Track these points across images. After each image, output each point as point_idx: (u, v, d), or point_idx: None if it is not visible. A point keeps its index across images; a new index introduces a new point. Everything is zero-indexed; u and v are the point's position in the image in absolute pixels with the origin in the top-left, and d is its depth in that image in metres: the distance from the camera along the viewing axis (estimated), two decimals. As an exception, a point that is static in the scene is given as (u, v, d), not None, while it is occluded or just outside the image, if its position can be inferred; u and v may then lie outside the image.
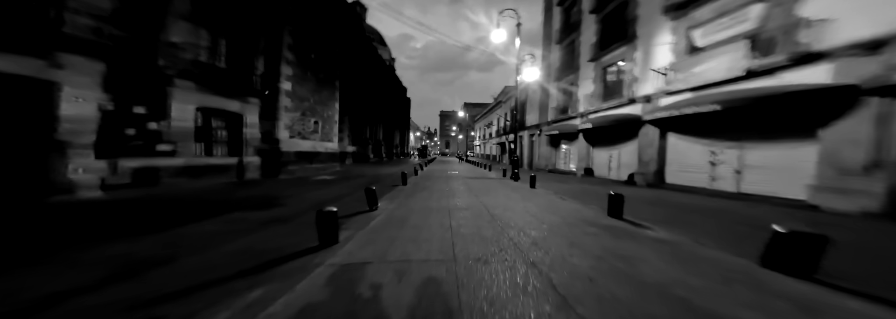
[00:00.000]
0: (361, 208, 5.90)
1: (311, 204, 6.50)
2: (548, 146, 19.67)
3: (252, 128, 10.36)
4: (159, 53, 7.28)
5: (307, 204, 6.64)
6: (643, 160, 10.61)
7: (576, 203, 6.86)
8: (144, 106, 6.99)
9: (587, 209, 6.18)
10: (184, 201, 6.32)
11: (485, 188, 9.21)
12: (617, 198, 5.20)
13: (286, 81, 11.90)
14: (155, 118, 7.21)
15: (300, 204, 6.63)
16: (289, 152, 12.05)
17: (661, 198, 7.42)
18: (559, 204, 6.75)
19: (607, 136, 13.22)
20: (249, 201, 6.58)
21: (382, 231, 4.33)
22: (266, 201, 6.67)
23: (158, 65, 7.18)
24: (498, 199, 7.28)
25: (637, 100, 11.00)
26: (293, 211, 5.85)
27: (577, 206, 6.46)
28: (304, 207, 6.22)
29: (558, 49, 19.17)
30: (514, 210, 6.02)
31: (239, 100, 9.79)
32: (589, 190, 9.14)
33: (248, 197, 7.04)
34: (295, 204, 6.44)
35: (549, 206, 6.43)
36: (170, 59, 7.47)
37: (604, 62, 13.67)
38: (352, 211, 5.69)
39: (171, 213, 5.27)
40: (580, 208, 6.31)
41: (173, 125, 7.53)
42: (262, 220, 4.96)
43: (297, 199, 7.03)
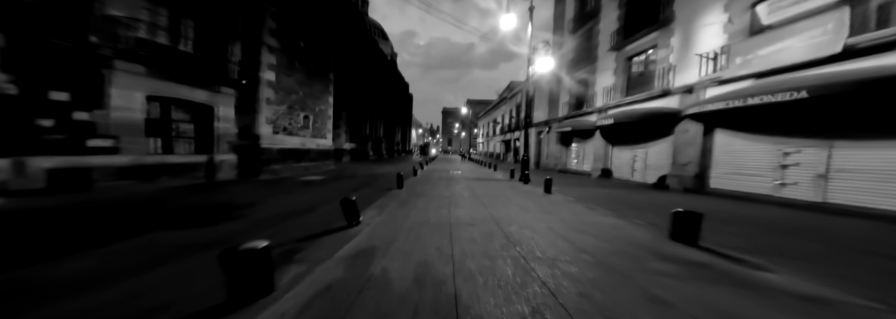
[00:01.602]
0: (341, 222, 4.32)
1: (277, 216, 4.89)
2: (558, 144, 17.95)
3: (226, 122, 8.74)
4: (92, 28, 5.63)
5: (271, 214, 5.03)
6: (679, 161, 8.90)
7: (611, 215, 5.23)
8: (68, 91, 5.37)
9: (632, 226, 4.53)
10: (106, 212, 4.71)
11: (492, 193, 7.58)
12: (688, 218, 3.53)
13: (268, 70, 10.24)
14: (85, 107, 5.58)
15: (262, 214, 5.02)
16: (272, 149, 10.43)
17: (715, 210, 5.74)
18: (590, 217, 5.13)
19: (631, 134, 11.49)
20: (197, 211, 4.97)
21: (352, 266, 2.70)
22: (220, 211, 5.05)
23: (90, 43, 5.54)
24: (510, 209, 5.65)
25: (673, 92, 9.26)
26: (245, 226, 4.25)
27: (615, 221, 4.83)
28: (264, 220, 4.60)
29: (571, 39, 17.35)
30: (535, 227, 4.40)
31: (208, 89, 8.15)
32: (617, 197, 7.47)
33: (201, 205, 5.44)
34: (255, 217, 4.82)
35: (579, 221, 4.82)
36: (107, 37, 5.83)
37: (628, 51, 11.90)
38: (323, 229, 4.12)
39: (58, 234, 3.66)
40: (621, 224, 4.66)
41: (113, 116, 5.89)
42: (186, 246, 3.34)
43: (261, 209, 5.42)
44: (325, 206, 5.89)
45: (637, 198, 7.28)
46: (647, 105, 10.31)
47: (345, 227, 4.19)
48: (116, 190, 5.86)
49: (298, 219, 4.86)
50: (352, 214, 4.35)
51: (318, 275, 2.39)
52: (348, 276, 2.38)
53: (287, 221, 4.68)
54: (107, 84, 5.76)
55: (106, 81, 5.74)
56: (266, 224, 4.48)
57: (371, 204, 5.89)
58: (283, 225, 4.43)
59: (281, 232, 4.06)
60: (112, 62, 5.79)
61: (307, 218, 4.95)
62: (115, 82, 5.86)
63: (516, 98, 27.82)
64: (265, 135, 10.12)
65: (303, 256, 2.96)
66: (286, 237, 3.87)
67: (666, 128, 9.60)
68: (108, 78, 5.76)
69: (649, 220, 4.97)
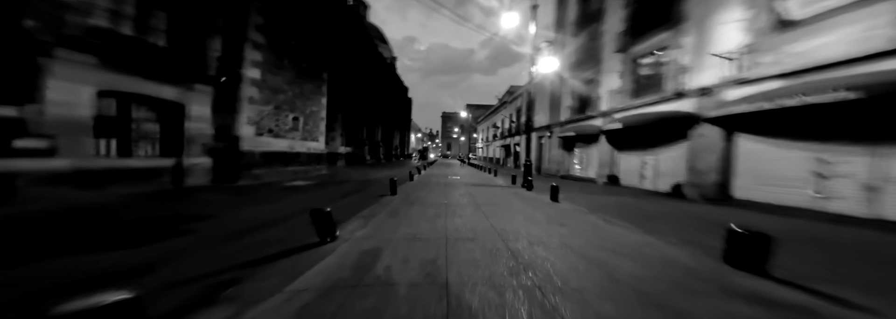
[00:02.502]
0: (314, 237, 3.49)
1: (236, 231, 4.02)
2: (560, 149, 17.13)
3: (199, 122, 7.88)
4: (29, 11, 4.81)
5: (231, 228, 4.15)
6: (697, 168, 8.06)
7: (634, 229, 4.42)
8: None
9: (666, 245, 3.74)
10: (14, 229, 3.81)
11: (494, 200, 6.76)
12: (753, 240, 2.69)
13: (252, 68, 9.44)
14: (13, 100, 4.71)
15: (219, 228, 4.14)
16: (254, 152, 9.57)
17: (752, 224, 4.87)
18: (610, 231, 4.32)
19: (641, 138, 10.68)
20: (137, 226, 4.07)
21: (304, 309, 1.88)
22: (166, 225, 4.16)
23: (23, 27, 4.70)
24: (515, 220, 4.88)
25: (687, 95, 8.47)
26: (186, 245, 3.36)
27: (642, 237, 4.02)
28: (217, 236, 3.72)
29: (574, 42, 16.68)
30: (548, 244, 3.62)
31: (179, 85, 7.30)
32: (631, 206, 6.63)
33: (148, 217, 4.55)
34: (207, 232, 3.94)
35: (599, 236, 4.04)
36: (49, 21, 5.00)
37: (635, 52, 11.17)
38: (288, 247, 3.28)
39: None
40: (651, 241, 3.86)
41: (50, 112, 5.00)
42: (66, 283, 2.45)
43: (221, 221, 4.53)
44: (300, 217, 5.04)
45: (655, 209, 6.44)
46: (658, 108, 9.52)
47: (316, 245, 3.35)
48: (46, 199, 4.95)
49: (262, 234, 3.99)
50: (326, 228, 3.49)
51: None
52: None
53: (246, 237, 3.81)
54: (43, 75, 4.90)
55: (42, 72, 4.88)
56: (217, 241, 3.60)
57: (357, 214, 5.08)
58: (237, 244, 3.55)
59: (230, 254, 3.19)
60: (52, 50, 4.94)
61: (274, 233, 4.09)
62: (55, 73, 4.99)
63: (516, 102, 27.12)
64: (246, 137, 9.26)
65: (238, 291, 2.12)
66: (233, 260, 3.00)
67: (680, 133, 8.79)
68: (45, 68, 4.90)
69: (684, 237, 4.12)
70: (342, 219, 4.72)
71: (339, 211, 5.67)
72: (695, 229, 4.69)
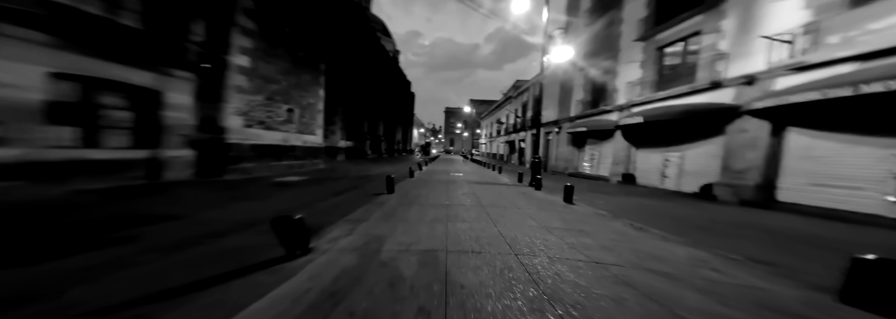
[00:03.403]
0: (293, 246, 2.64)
1: (193, 236, 3.17)
2: (569, 146, 16.18)
3: (179, 112, 7.03)
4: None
5: (187, 233, 3.30)
6: (733, 167, 7.12)
7: (675, 241, 3.61)
8: None
9: (729, 263, 2.91)
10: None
11: (500, 201, 5.97)
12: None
13: (241, 55, 8.53)
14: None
15: (172, 233, 3.29)
16: (242, 144, 8.73)
17: (816, 235, 3.98)
18: (647, 242, 3.57)
19: (664, 134, 9.72)
20: (84, 227, 3.25)
21: None
22: (117, 228, 3.33)
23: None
24: (527, 227, 4.14)
25: (726, 84, 7.48)
26: (113, 257, 2.51)
27: (692, 252, 3.26)
28: (164, 244, 2.88)
29: (588, 31, 15.58)
30: (573, 260, 3.02)
31: (154, 71, 6.43)
32: (658, 210, 5.75)
33: (96, 218, 3.72)
34: (153, 238, 3.09)
35: (634, 250, 3.35)
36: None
37: (660, 40, 10.12)
38: (242, 263, 2.52)
39: None
40: (707, 258, 3.12)
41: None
42: None
43: (181, 225, 3.69)
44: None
45: (688, 213, 5.56)
46: (686, 100, 8.53)
47: (280, 260, 2.54)
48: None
49: (222, 242, 3.17)
50: (295, 239, 2.66)
51: None
52: None
53: (198, 247, 3.00)
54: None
55: (-24, 47, 4.04)
56: (157, 253, 2.76)
57: (346, 216, 4.30)
58: (181, 257, 2.72)
59: (159, 273, 2.38)
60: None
61: (237, 240, 3.27)
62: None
63: (522, 97, 26.06)
64: (234, 129, 8.42)
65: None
66: (158, 284, 2.17)
67: (713, 127, 7.83)
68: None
69: (744, 252, 3.25)
70: (327, 222, 3.93)
71: (326, 213, 4.86)
72: (752, 240, 3.80)
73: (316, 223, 3.94)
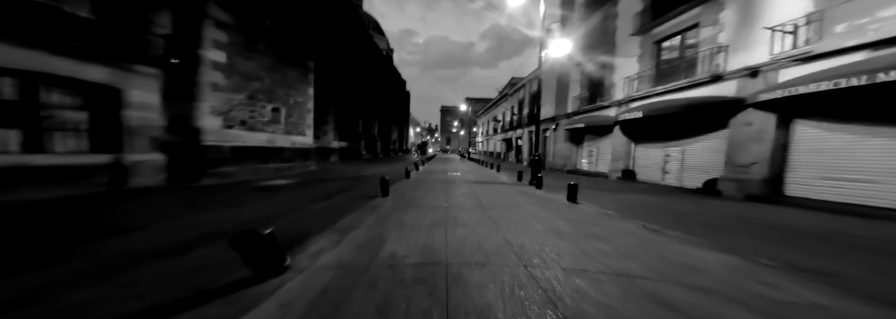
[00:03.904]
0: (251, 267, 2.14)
1: (142, 255, 2.67)
2: (566, 142, 15.81)
3: (144, 111, 6.48)
4: None
5: (137, 250, 2.80)
6: (738, 161, 6.74)
7: (698, 244, 3.29)
8: None
9: (771, 273, 2.58)
10: None
11: (501, 202, 5.57)
12: None
13: (215, 49, 7.97)
14: None
15: (119, 249, 2.79)
16: (222, 147, 8.20)
17: (835, 231, 3.59)
18: (665, 247, 3.24)
19: (664, 129, 9.34)
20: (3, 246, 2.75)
21: None
22: (51, 244, 2.83)
23: None
24: (534, 231, 3.73)
25: (727, 77, 7.08)
26: (42, 283, 2.04)
27: (721, 258, 2.96)
28: (110, 264, 2.37)
29: (583, 26, 15.16)
30: (591, 271, 2.64)
31: (111, 66, 5.87)
32: (666, 207, 5.36)
33: (25, 235, 3.22)
34: (99, 257, 2.60)
35: (656, 256, 2.89)
36: None
37: (657, 34, 9.73)
38: (207, 285, 2.16)
39: None
40: (738, 264, 2.87)
41: None
42: None
43: (132, 240, 3.19)
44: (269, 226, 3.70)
45: (697, 211, 5.17)
46: (687, 94, 8.13)
47: (246, 284, 2.08)
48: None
49: (174, 261, 2.71)
50: (264, 259, 2.20)
51: None
52: None
53: (144, 267, 2.54)
54: None
55: None
56: (90, 275, 2.28)
57: (334, 224, 3.79)
58: (113, 284, 2.23)
59: (76, 305, 1.91)
60: None
61: (195, 259, 2.80)
62: None
63: (519, 94, 25.65)
64: (211, 130, 7.89)
65: None
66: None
67: (715, 121, 7.44)
68: None
69: (779, 257, 2.85)
70: (312, 232, 3.49)
71: (312, 220, 4.37)
72: (779, 242, 3.40)
73: (297, 233, 3.50)
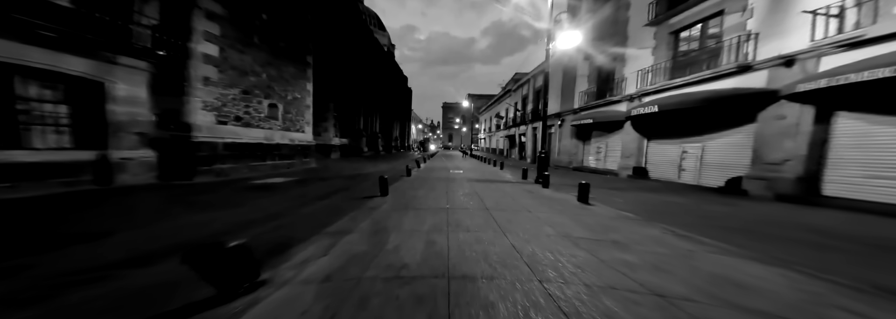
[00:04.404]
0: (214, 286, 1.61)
1: (97, 268, 2.22)
2: (572, 139, 15.28)
3: (130, 106, 6.05)
4: None
5: (94, 262, 2.34)
6: (768, 158, 6.22)
7: (744, 257, 2.84)
8: None
9: (856, 299, 1.86)
10: None
11: (506, 202, 5.16)
12: None
13: (206, 42, 7.49)
14: None
15: (74, 260, 2.30)
16: (216, 143, 7.76)
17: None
18: (704, 259, 2.84)
19: (681, 124, 8.81)
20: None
21: None
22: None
23: None
24: (545, 236, 3.31)
25: (756, 67, 6.53)
26: None
27: (780, 276, 2.51)
28: (56, 277, 1.96)
29: (592, 18, 14.52)
30: (619, 289, 2.06)
31: (93, 58, 5.42)
32: (690, 209, 4.87)
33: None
34: (49, 268, 2.18)
35: (696, 272, 2.43)
36: None
37: (674, 24, 9.14)
38: (164, 306, 1.61)
39: None
40: (804, 285, 2.41)
41: None
42: None
43: (95, 248, 2.76)
44: (242, 233, 3.35)
45: (725, 212, 4.70)
46: (709, 86, 7.59)
47: (212, 303, 1.63)
48: None
49: (134, 276, 2.27)
50: (231, 274, 1.76)
51: None
52: None
53: (100, 282, 2.10)
54: None
55: None
56: (33, 294, 1.85)
57: (326, 227, 3.39)
58: (53, 305, 1.80)
59: None
60: None
61: (160, 271, 2.38)
62: None
63: (522, 89, 25.05)
64: (204, 126, 7.44)
65: None
66: None
67: (741, 115, 6.91)
68: None
69: (842, 271, 2.36)
70: (300, 238, 3.09)
71: (304, 223, 3.93)
72: (840, 253, 2.91)
73: (285, 238, 3.06)
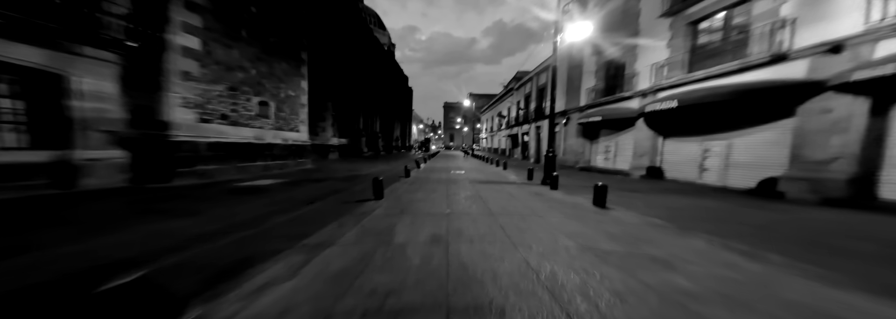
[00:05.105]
0: None
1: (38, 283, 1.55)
2: (578, 137, 14.57)
3: (96, 101, 5.38)
4: None
5: (43, 276, 1.70)
6: (811, 157, 5.49)
7: (827, 282, 1.96)
8: None
9: None
10: None
11: (514, 207, 4.54)
12: None
13: (186, 34, 6.81)
14: None
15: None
16: (197, 143, 7.10)
17: None
18: (802, 292, 2.44)
19: (704, 120, 8.08)
20: None
21: None
22: None
23: None
24: (564, 249, 2.72)
25: (793, 56, 5.80)
26: None
27: None
28: None
29: (599, 11, 13.79)
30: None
31: (50, 47, 4.76)
32: (728, 215, 4.15)
33: None
34: None
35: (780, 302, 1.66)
36: None
37: (693, 14, 8.41)
38: None
39: None
40: None
41: None
42: None
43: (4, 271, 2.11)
44: (199, 248, 2.72)
45: (777, 220, 3.99)
46: (736, 79, 6.86)
47: None
48: None
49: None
50: None
51: None
52: None
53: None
54: None
55: None
56: None
57: (305, 239, 2.78)
58: None
59: None
60: None
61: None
62: None
63: (525, 88, 24.31)
64: (184, 124, 6.78)
65: None
66: None
67: (777, 109, 6.19)
68: None
69: None
70: (272, 251, 2.44)
71: (278, 233, 3.15)
72: None
73: (249, 253, 2.43)
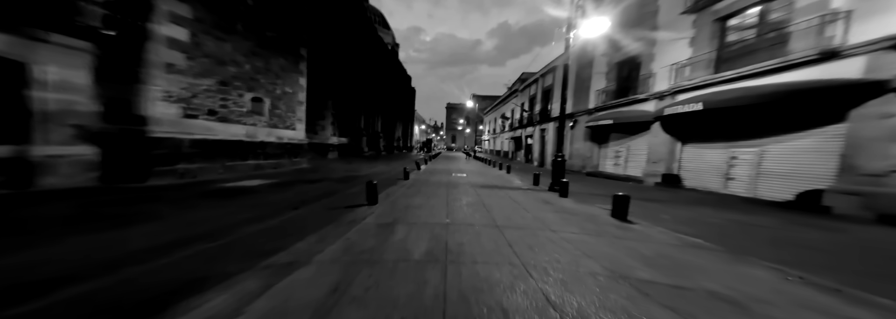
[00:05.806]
0: None
1: None
2: (586, 141, 13.91)
3: (63, 92, 4.77)
4: None
5: None
6: (866, 167, 4.80)
7: None
8: None
9: None
10: None
11: (522, 218, 3.91)
12: None
13: (172, 24, 6.19)
14: None
15: None
16: (180, 140, 6.47)
17: None
18: None
19: (730, 124, 7.39)
20: None
21: None
22: None
23: None
24: (592, 279, 2.03)
25: (846, 53, 5.12)
26: None
27: None
28: None
29: (611, 9, 13.13)
30: None
31: (9, 33, 4.17)
32: (789, 236, 3.45)
33: None
34: None
35: None
36: None
37: (721, 10, 7.75)
38: None
39: None
40: None
41: None
42: None
43: None
44: (127, 269, 2.03)
45: (839, 242, 3.34)
46: (774, 79, 6.18)
47: None
48: None
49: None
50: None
51: None
52: None
53: None
54: None
55: None
56: None
57: (273, 256, 2.18)
58: None
59: None
60: None
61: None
62: None
63: (530, 89, 23.66)
64: (165, 119, 6.17)
65: None
66: None
67: (824, 113, 5.50)
68: None
69: None
70: (226, 272, 1.79)
71: (242, 248, 2.47)
72: None
73: (195, 278, 1.83)
